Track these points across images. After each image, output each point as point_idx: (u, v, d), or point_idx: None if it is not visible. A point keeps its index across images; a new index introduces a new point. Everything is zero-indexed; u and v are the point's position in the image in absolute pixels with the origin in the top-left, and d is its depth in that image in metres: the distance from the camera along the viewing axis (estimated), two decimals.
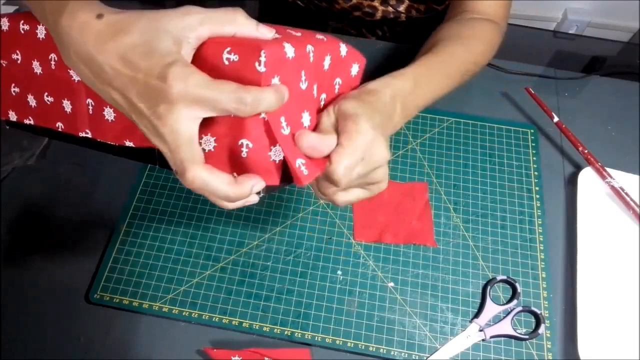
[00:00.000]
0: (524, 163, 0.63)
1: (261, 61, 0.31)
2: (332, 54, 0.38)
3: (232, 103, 0.30)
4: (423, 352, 0.50)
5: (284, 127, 0.34)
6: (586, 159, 0.60)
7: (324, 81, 0.38)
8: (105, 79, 0.32)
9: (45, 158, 0.62)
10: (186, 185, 0.33)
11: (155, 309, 0.52)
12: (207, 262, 0.55)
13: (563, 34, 0.84)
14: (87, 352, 0.50)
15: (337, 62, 0.39)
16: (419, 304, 0.53)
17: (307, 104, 0.36)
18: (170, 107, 0.30)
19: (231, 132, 0.33)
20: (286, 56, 0.32)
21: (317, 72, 0.37)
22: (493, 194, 0.60)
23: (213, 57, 0.32)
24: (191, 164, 0.32)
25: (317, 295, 0.53)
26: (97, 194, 0.60)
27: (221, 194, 0.33)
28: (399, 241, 0.56)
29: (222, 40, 0.32)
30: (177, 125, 0.31)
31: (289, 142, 0.35)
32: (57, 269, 0.55)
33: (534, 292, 0.54)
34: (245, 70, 0.31)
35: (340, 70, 0.40)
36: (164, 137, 0.32)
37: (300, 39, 0.35)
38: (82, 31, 0.32)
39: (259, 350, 0.49)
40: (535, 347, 0.51)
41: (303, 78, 0.35)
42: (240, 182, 0.33)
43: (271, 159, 0.34)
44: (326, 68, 0.38)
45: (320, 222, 0.58)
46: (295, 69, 0.34)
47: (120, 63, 0.31)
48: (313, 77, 0.36)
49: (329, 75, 0.39)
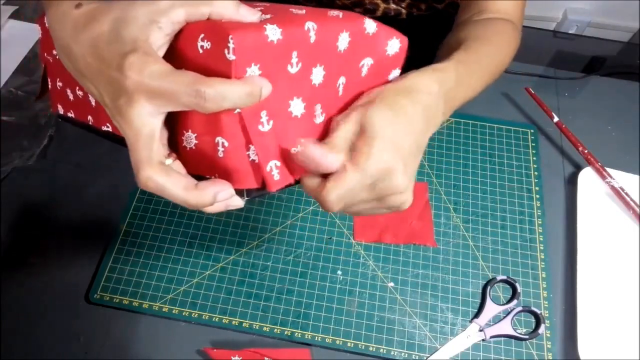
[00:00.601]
0: (524, 163, 0.63)
1: (230, 48, 0.27)
2: (352, 31, 0.33)
3: (189, 97, 0.27)
4: (423, 352, 0.50)
5: (264, 122, 0.30)
6: (586, 159, 0.60)
7: (341, 62, 0.34)
8: (81, 70, 0.31)
9: (45, 158, 0.62)
10: (140, 186, 0.29)
11: (155, 309, 0.52)
12: (207, 262, 0.55)
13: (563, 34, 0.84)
14: (87, 352, 0.50)
15: (362, 40, 0.34)
16: (419, 304, 0.53)
17: (299, 90, 0.32)
18: (129, 100, 0.28)
19: (208, 128, 0.30)
20: (267, 40, 0.28)
21: (324, 53, 0.32)
22: (493, 194, 0.60)
23: (189, 45, 0.29)
24: (146, 164, 0.29)
25: (317, 295, 0.53)
26: (97, 194, 0.60)
27: (179, 200, 0.30)
28: (399, 241, 0.56)
29: (199, 26, 0.29)
30: (136, 120, 0.28)
31: (266, 140, 0.31)
32: (57, 269, 0.55)
33: (534, 292, 0.54)
34: (216, 59, 0.28)
35: (369, 49, 0.35)
36: (125, 132, 0.29)
37: (298, 17, 0.31)
38: (61, 21, 0.31)
39: (259, 350, 0.49)
40: (535, 347, 0.51)
41: (294, 60, 0.31)
42: (201, 188, 0.30)
43: (250, 158, 0.31)
44: (343, 47, 0.33)
45: (320, 222, 0.58)
46: (282, 53, 0.30)
47: (90, 53, 0.29)
48: (314, 57, 0.32)
49: (349, 55, 0.34)
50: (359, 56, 0.35)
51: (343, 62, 0.34)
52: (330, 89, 0.34)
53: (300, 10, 0.33)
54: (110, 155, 0.63)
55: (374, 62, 0.36)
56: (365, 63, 0.35)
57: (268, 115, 0.30)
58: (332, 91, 0.34)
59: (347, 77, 0.35)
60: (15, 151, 0.62)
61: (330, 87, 0.34)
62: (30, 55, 0.72)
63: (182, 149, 0.32)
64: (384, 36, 0.35)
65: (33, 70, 0.70)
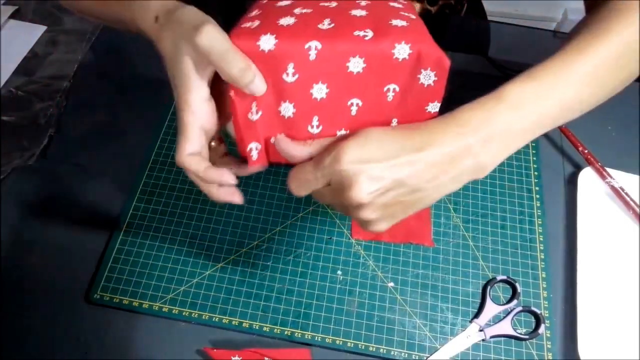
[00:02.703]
0: (524, 163, 0.63)
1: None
2: (370, 56, 0.33)
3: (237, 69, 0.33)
4: (423, 352, 0.50)
5: (253, 112, 0.35)
6: (586, 159, 0.60)
7: (354, 84, 0.34)
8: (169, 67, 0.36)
9: (45, 158, 0.62)
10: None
11: (155, 309, 0.52)
12: (207, 262, 0.55)
13: (563, 34, 0.84)
14: (87, 352, 0.50)
15: (384, 66, 0.34)
16: (419, 304, 0.53)
17: (293, 97, 0.35)
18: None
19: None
20: (259, 49, 0.33)
21: (328, 72, 0.34)
22: (493, 194, 0.60)
23: None
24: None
25: (317, 295, 0.53)
26: (97, 194, 0.60)
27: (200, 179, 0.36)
28: (396, 240, 0.56)
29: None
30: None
31: (251, 125, 0.36)
32: (57, 269, 0.55)
33: (534, 292, 0.54)
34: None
35: (394, 76, 0.34)
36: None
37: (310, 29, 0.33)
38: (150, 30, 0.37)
39: (259, 350, 0.49)
40: (535, 347, 0.51)
41: (290, 71, 0.34)
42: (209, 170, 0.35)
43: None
44: (356, 70, 0.34)
45: (320, 222, 0.58)
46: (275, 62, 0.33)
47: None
48: (315, 74, 0.34)
49: (367, 78, 0.34)
50: (381, 81, 0.35)
51: (357, 84, 0.34)
52: (336, 106, 0.35)
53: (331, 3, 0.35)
54: (110, 155, 0.63)
55: (401, 89, 0.35)
56: (390, 88, 0.35)
57: (257, 107, 0.35)
58: (339, 109, 0.36)
59: (364, 99, 0.35)
60: (15, 151, 0.62)
61: (337, 105, 0.35)
62: (30, 55, 0.72)
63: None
64: (417, 63, 0.34)
65: (33, 70, 0.70)
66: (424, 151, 0.33)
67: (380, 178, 0.33)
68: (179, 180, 0.61)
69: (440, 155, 0.34)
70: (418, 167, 0.34)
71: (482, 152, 0.34)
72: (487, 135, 0.34)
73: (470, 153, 0.34)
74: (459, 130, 0.34)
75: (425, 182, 0.34)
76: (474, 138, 0.34)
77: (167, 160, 0.62)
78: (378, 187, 0.33)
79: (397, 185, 0.34)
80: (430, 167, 0.34)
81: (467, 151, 0.34)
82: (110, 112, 0.68)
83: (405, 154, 0.33)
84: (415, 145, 0.34)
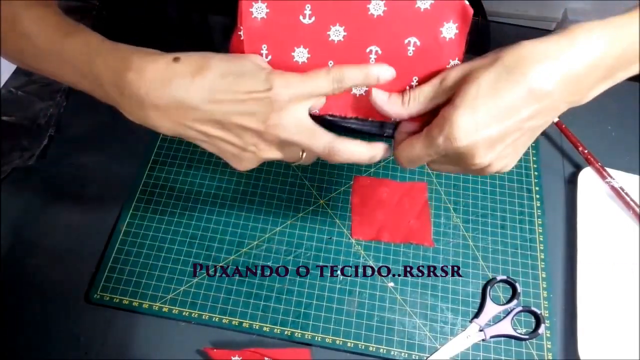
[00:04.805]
0: (524, 163, 0.63)
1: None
2: (394, 3, 0.33)
3: (330, 84, 0.34)
4: (423, 352, 0.50)
5: (264, 55, 0.35)
6: (586, 159, 0.60)
7: (373, 30, 0.34)
8: (197, 117, 0.34)
9: (45, 158, 0.62)
10: (341, 157, 0.36)
11: (155, 309, 0.52)
12: (207, 262, 0.55)
13: None
14: (87, 352, 0.50)
15: (406, 13, 0.34)
16: (419, 304, 0.53)
17: (309, 41, 0.34)
18: (282, 113, 0.33)
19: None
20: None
21: (346, 13, 0.33)
22: (493, 194, 0.60)
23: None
24: (336, 140, 0.35)
25: (317, 295, 0.53)
26: (97, 194, 0.60)
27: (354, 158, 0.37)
28: (396, 240, 0.56)
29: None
30: (300, 122, 0.34)
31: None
32: (57, 269, 0.55)
33: (534, 292, 0.54)
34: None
35: (416, 27, 0.34)
36: (288, 141, 0.35)
37: None
38: (160, 78, 0.33)
39: (259, 350, 0.49)
40: (535, 347, 0.51)
41: (307, 12, 0.33)
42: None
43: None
44: (376, 14, 0.34)
45: (320, 222, 0.58)
46: (292, 3, 0.33)
47: (215, 94, 0.33)
48: (333, 15, 0.33)
49: (387, 26, 0.34)
50: (402, 30, 0.34)
51: (377, 29, 0.34)
52: (354, 52, 0.35)
53: None
54: (110, 155, 0.63)
55: (422, 44, 0.35)
56: (411, 41, 0.35)
57: (268, 51, 0.35)
58: (357, 55, 0.35)
59: (384, 48, 0.35)
60: (15, 151, 0.62)
61: (355, 50, 0.35)
62: None
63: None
64: (439, 15, 0.34)
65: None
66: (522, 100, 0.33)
67: (498, 139, 0.34)
68: (179, 180, 0.61)
69: (535, 98, 0.34)
70: (524, 114, 0.34)
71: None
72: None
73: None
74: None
75: (533, 121, 0.35)
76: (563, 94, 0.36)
77: (167, 160, 0.62)
78: (498, 148, 0.34)
79: (514, 136, 0.34)
80: (529, 111, 0.34)
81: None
82: (111, 112, 0.67)
83: (513, 111, 0.33)
84: (516, 95, 0.33)
